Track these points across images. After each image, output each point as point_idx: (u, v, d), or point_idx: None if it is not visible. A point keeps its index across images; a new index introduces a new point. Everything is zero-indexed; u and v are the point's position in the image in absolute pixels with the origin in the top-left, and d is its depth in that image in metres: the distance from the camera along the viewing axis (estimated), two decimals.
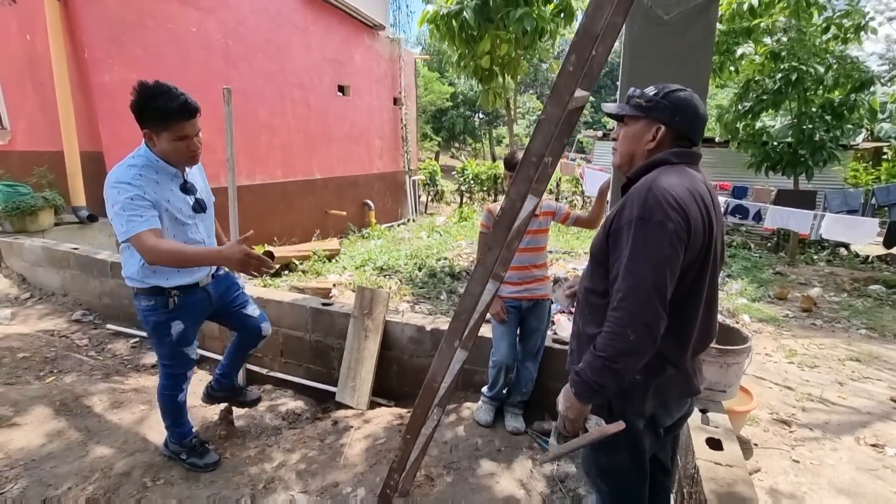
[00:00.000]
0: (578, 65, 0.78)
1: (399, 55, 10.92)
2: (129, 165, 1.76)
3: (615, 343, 1.10)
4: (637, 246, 1.08)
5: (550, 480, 2.20)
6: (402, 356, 2.96)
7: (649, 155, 1.23)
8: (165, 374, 2.08)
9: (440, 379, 1.16)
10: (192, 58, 6.17)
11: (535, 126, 0.85)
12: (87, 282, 4.02)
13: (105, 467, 2.18)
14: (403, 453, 1.27)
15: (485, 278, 1.01)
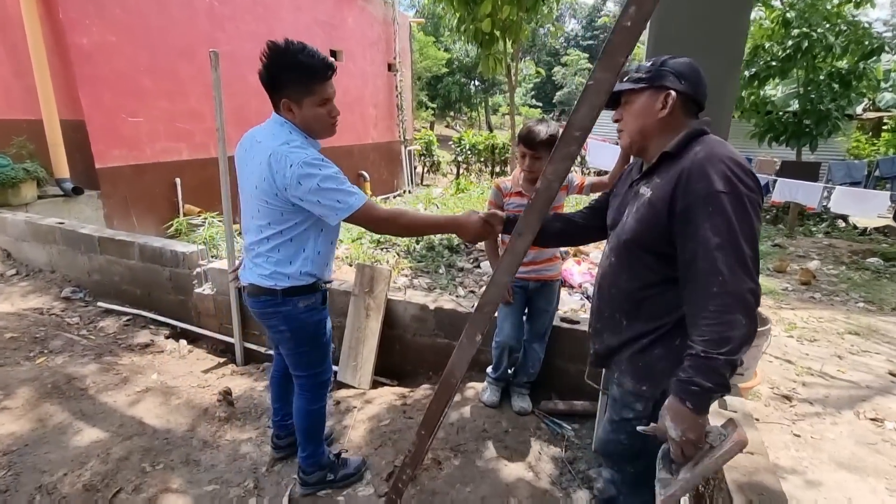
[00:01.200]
0: (639, 19, 0.65)
1: (393, 18, 10.45)
2: (297, 145, 1.51)
3: (731, 332, 0.98)
4: (729, 221, 0.98)
5: (559, 462, 2.16)
6: (405, 335, 2.89)
7: (665, 125, 1.11)
8: (315, 383, 1.85)
9: (459, 374, 1.06)
10: (176, 18, 5.82)
11: (581, 94, 0.73)
12: (75, 258, 3.88)
13: (101, 452, 2.12)
14: (417, 449, 1.20)
15: (514, 267, 0.90)
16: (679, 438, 1.03)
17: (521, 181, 2.20)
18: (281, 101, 1.52)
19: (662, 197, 1.08)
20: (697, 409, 1.01)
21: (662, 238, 1.10)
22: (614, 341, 1.29)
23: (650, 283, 1.18)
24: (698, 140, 1.07)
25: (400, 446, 2.22)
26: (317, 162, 1.47)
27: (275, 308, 1.67)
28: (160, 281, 3.53)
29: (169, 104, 5.86)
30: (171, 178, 6.00)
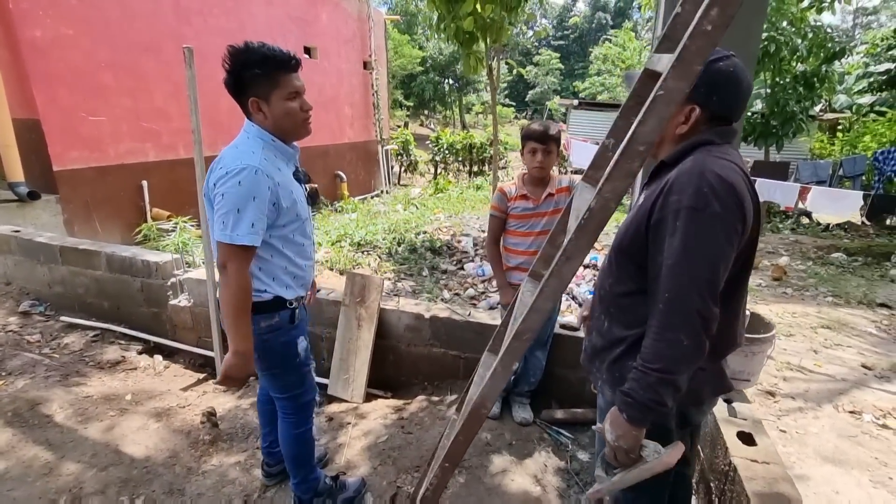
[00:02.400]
0: (721, 23, 0.58)
1: (368, 15, 10.24)
2: (252, 148, 1.42)
3: (668, 351, 0.95)
4: (688, 239, 0.93)
5: (565, 474, 2.12)
6: (399, 345, 2.78)
7: (680, 140, 1.07)
8: (296, 406, 1.74)
9: (490, 404, 0.98)
10: (137, 11, 5.49)
11: (648, 105, 0.66)
12: (33, 269, 3.58)
13: (74, 486, 1.93)
14: (440, 482, 1.11)
15: (558, 293, 0.83)
16: (612, 443, 1.05)
17: (526, 184, 2.15)
18: (249, 102, 1.43)
19: (646, 207, 1.04)
20: (631, 420, 1.01)
21: (640, 248, 1.07)
22: (598, 342, 1.26)
23: (629, 292, 1.14)
24: (698, 149, 1.02)
25: (401, 464, 2.13)
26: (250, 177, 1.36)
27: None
28: (131, 293, 3.30)
29: (133, 102, 5.53)
30: (137, 180, 5.67)
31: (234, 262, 1.39)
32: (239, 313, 1.42)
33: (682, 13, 0.90)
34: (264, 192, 1.38)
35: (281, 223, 1.49)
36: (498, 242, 2.31)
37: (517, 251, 2.24)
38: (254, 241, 1.39)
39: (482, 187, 10.79)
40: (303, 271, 1.62)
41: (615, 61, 22.01)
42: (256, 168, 1.37)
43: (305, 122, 1.51)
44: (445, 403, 2.57)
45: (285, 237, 1.52)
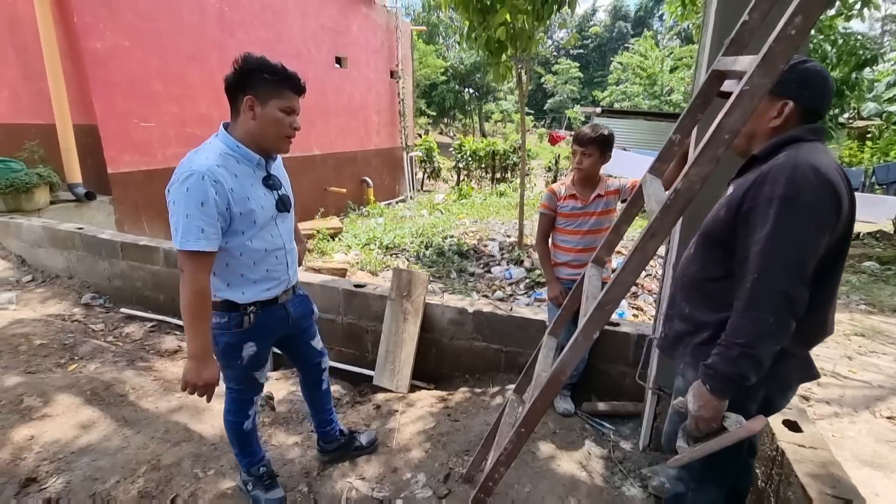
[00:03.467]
0: (804, 28, 0.69)
1: (396, 26, 10.52)
2: (206, 154, 1.48)
3: (753, 327, 1.03)
4: (780, 226, 1.00)
5: (608, 462, 2.20)
6: (442, 339, 2.90)
7: (773, 133, 1.14)
8: (231, 398, 1.83)
9: (569, 370, 1.09)
10: (186, 23, 5.81)
11: (735, 98, 0.77)
12: (94, 263, 3.82)
13: (152, 459, 2.09)
14: (515, 446, 1.22)
15: (640, 267, 0.94)
16: (695, 413, 1.12)
17: (575, 184, 2.26)
18: (245, 99, 1.46)
19: (737, 196, 1.11)
20: (713, 391, 1.08)
21: (729, 234, 1.14)
22: (681, 328, 1.33)
23: (715, 276, 1.20)
24: (790, 145, 1.10)
25: (451, 448, 2.24)
26: (197, 182, 1.39)
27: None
28: None
29: (179, 109, 5.83)
30: None
31: (188, 268, 1.42)
32: (194, 318, 1.46)
33: (750, 21, 1.01)
34: (212, 198, 1.40)
35: (238, 229, 1.51)
36: (547, 239, 2.42)
37: (565, 248, 2.35)
38: (205, 247, 1.41)
39: (505, 194, 10.90)
40: (266, 277, 1.64)
41: (636, 70, 21.96)
42: (203, 173, 1.39)
43: (288, 138, 1.56)
44: (488, 394, 2.67)
45: (242, 245, 1.54)
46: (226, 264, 1.56)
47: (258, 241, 1.59)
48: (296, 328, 1.88)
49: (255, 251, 1.59)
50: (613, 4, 50.06)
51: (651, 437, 2.22)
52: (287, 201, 1.71)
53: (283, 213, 1.68)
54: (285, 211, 1.70)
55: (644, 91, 20.59)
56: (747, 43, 1.03)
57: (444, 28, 28.09)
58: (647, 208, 1.01)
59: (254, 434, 1.93)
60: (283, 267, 1.71)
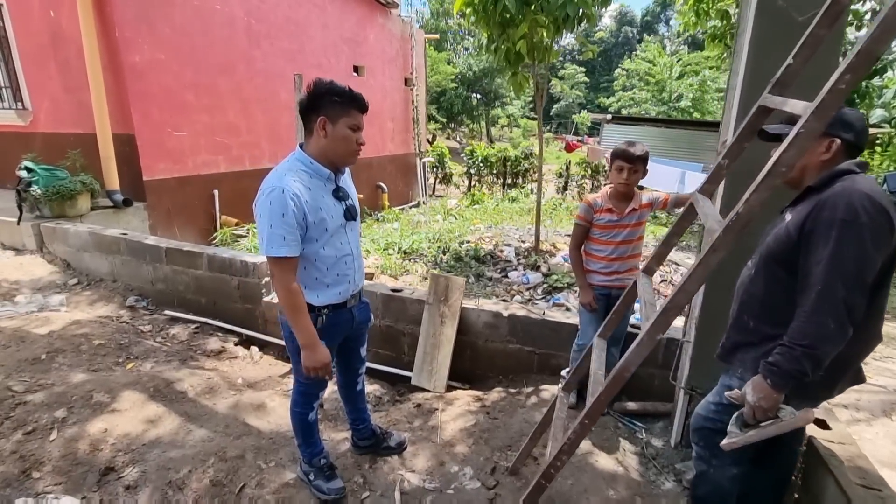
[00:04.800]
0: (852, 84, 0.84)
1: (410, 35, 10.74)
2: (285, 171, 1.67)
3: (816, 331, 1.18)
4: (840, 244, 1.16)
5: (642, 457, 2.34)
6: (477, 341, 3.06)
7: (823, 166, 1.32)
8: (299, 391, 2.00)
9: (633, 368, 1.24)
10: (217, 36, 6.02)
11: (793, 138, 0.92)
12: (138, 267, 4.01)
13: (218, 451, 2.25)
14: (578, 436, 1.36)
15: (703, 278, 1.08)
16: (754, 403, 1.26)
17: (612, 198, 2.41)
18: (318, 119, 1.65)
19: (798, 221, 1.28)
20: (774, 385, 1.24)
21: (792, 255, 1.30)
22: (739, 338, 1.50)
23: (778, 293, 1.37)
24: (842, 178, 1.26)
25: (493, 444, 2.38)
26: (279, 197, 1.58)
27: (279, 314, 1.87)
28: (227, 290, 3.67)
29: (209, 118, 6.04)
30: (210, 189, 6.16)
31: (277, 272, 1.64)
32: (293, 312, 1.67)
33: (794, 64, 1.17)
34: (290, 209, 1.58)
35: (312, 237, 1.69)
36: (580, 248, 2.57)
37: (598, 257, 2.50)
38: (288, 252, 1.61)
39: (517, 199, 11.04)
40: (337, 281, 1.82)
41: (644, 76, 22.11)
42: (283, 188, 1.58)
43: (356, 152, 1.75)
44: (523, 394, 2.82)
45: (317, 251, 1.73)
46: (303, 268, 1.75)
47: (329, 247, 1.78)
48: (356, 332, 2.06)
49: (327, 257, 1.78)
50: (619, 10, 50.26)
51: (683, 435, 2.36)
52: (354, 211, 1.89)
53: (350, 221, 1.86)
54: (353, 220, 1.87)
55: (653, 97, 20.72)
56: (790, 84, 1.19)
57: (453, 35, 28.39)
58: (707, 226, 1.16)
59: (316, 426, 2.11)
60: (352, 272, 1.88)
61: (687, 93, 19.05)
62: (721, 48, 7.38)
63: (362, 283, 2.00)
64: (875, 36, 0.82)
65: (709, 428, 1.66)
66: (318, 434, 2.13)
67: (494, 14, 5.31)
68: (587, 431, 1.37)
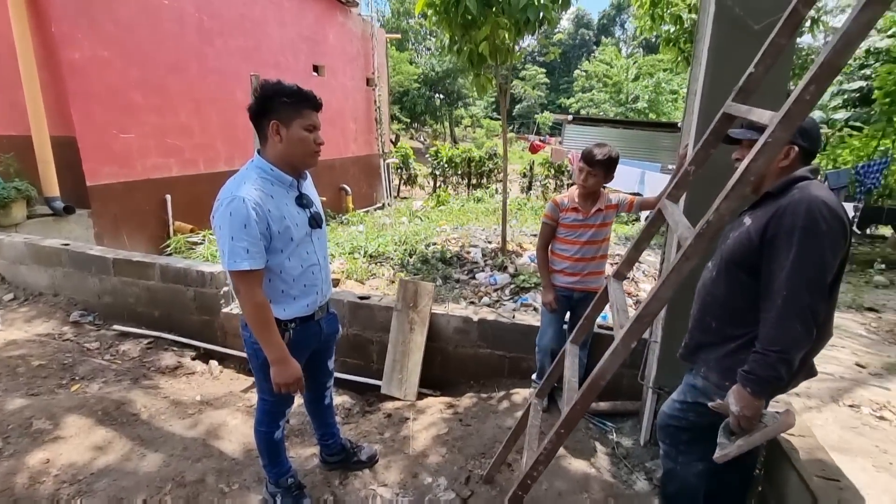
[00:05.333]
0: (817, 95, 0.86)
1: (371, 34, 10.60)
2: (244, 179, 1.57)
3: (786, 336, 1.22)
4: (803, 251, 1.20)
5: (613, 457, 2.36)
6: (447, 347, 3.02)
7: (781, 172, 1.36)
8: (264, 409, 1.89)
9: (608, 376, 1.24)
10: (165, 33, 5.71)
11: (761, 147, 0.93)
12: (83, 280, 3.73)
13: (175, 476, 2.11)
14: (554, 446, 1.35)
15: (676, 285, 1.09)
16: (738, 413, 1.29)
17: (577, 198, 2.43)
18: (270, 124, 1.56)
19: (758, 227, 1.32)
20: (754, 393, 1.27)
21: (754, 259, 1.34)
22: (702, 339, 1.54)
23: (740, 296, 1.40)
24: (799, 183, 1.30)
25: (467, 452, 2.35)
26: (239, 206, 1.49)
27: (241, 330, 1.78)
28: (183, 301, 3.47)
29: (159, 119, 5.72)
30: (161, 194, 5.84)
31: (242, 286, 1.55)
32: (262, 328, 1.59)
33: (756, 73, 1.20)
34: (253, 220, 1.50)
35: (277, 248, 1.61)
36: (547, 247, 2.59)
37: (563, 256, 2.53)
38: (253, 265, 1.52)
39: (483, 200, 11.10)
40: (304, 293, 1.73)
41: (602, 78, 22.79)
42: (243, 197, 1.49)
43: (315, 153, 1.66)
44: (495, 399, 2.80)
45: (282, 263, 1.64)
46: (268, 281, 1.66)
47: (295, 258, 1.69)
48: (324, 345, 1.98)
49: (293, 268, 1.69)
50: (576, 13, 51.56)
51: (651, 433, 2.41)
52: (319, 218, 1.80)
53: (316, 229, 1.78)
54: (318, 227, 1.79)
55: (611, 99, 21.37)
56: (753, 91, 1.21)
57: (415, 34, 28.27)
58: (678, 234, 1.17)
59: (282, 444, 2.01)
60: (320, 282, 1.80)
61: (643, 94, 19.76)
62: (675, 52, 7.69)
63: (330, 293, 1.92)
64: (838, 49, 0.83)
65: (674, 426, 1.69)
66: (284, 452, 2.04)
67: (456, 16, 5.28)
68: (563, 440, 1.36)
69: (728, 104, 1.26)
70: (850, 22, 0.82)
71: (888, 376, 3.85)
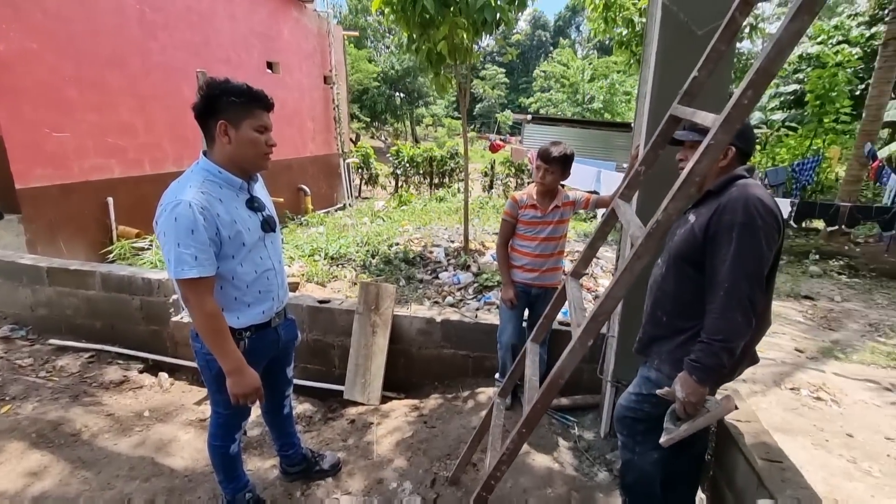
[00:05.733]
0: (754, 99, 0.89)
1: (328, 31, 10.36)
2: (189, 182, 1.48)
3: (728, 326, 1.29)
4: (742, 246, 1.27)
5: (576, 451, 2.41)
6: (411, 349, 2.99)
7: (721, 172, 1.44)
8: (218, 423, 1.80)
9: (566, 374, 1.25)
10: (103, 25, 5.35)
11: (704, 149, 0.96)
12: (13, 291, 3.44)
13: (122, 498, 1.98)
14: (517, 446, 1.35)
15: (630, 283, 1.11)
16: (683, 399, 1.36)
17: (536, 195, 2.47)
18: (218, 125, 1.48)
19: (702, 223, 1.39)
20: (699, 381, 1.34)
21: (699, 255, 1.41)
22: (654, 332, 1.60)
23: (689, 290, 1.47)
24: (737, 182, 1.38)
25: (432, 454, 2.33)
26: (185, 211, 1.41)
27: (192, 341, 1.69)
28: (128, 311, 3.27)
29: (98, 117, 5.36)
30: (103, 197, 5.47)
31: (191, 295, 1.46)
32: (216, 338, 1.51)
33: (699, 77, 1.24)
34: (201, 224, 1.42)
35: (228, 253, 1.54)
36: (507, 244, 2.62)
37: (523, 252, 2.56)
38: (202, 272, 1.44)
39: (445, 199, 11.11)
40: (259, 299, 1.66)
41: (559, 79, 23.34)
42: (189, 202, 1.42)
43: (266, 155, 1.59)
44: (460, 399, 2.80)
45: (234, 269, 1.57)
46: (220, 288, 1.58)
47: (248, 263, 1.62)
48: (283, 352, 1.90)
49: (246, 274, 1.62)
50: (533, 14, 52.54)
51: (611, 425, 2.47)
52: (272, 222, 1.73)
53: (269, 233, 1.70)
54: (272, 231, 1.72)
55: (568, 99, 21.91)
56: (696, 94, 1.26)
57: (373, 32, 27.93)
58: (630, 233, 1.20)
59: (239, 458, 1.92)
60: (276, 287, 1.73)
61: (598, 95, 20.38)
62: (627, 54, 7.96)
63: (287, 298, 1.85)
64: (771, 56, 0.87)
65: (631, 417, 1.75)
66: (241, 466, 1.95)
67: (414, 14, 5.24)
68: (525, 439, 1.37)
69: (674, 107, 1.30)
70: (782, 31, 0.86)
71: (823, 359, 4.14)
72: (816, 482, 2.25)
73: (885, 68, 6.99)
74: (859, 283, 6.30)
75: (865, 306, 5.40)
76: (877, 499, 2.21)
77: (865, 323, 4.89)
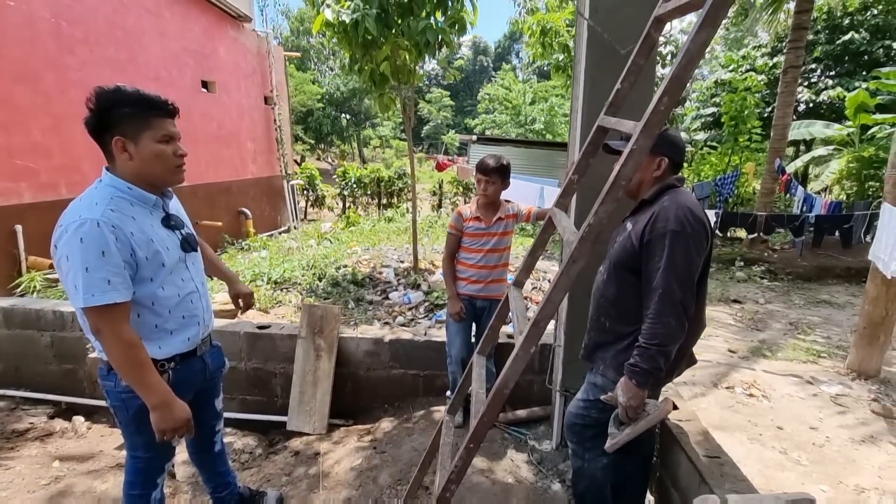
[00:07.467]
0: (671, 105, 0.93)
1: (268, 51, 10.16)
2: (95, 199, 1.32)
3: (663, 330, 1.33)
4: (673, 252, 1.33)
5: (531, 465, 2.39)
6: (358, 371, 2.87)
7: (654, 181, 1.51)
8: (136, 469, 1.59)
9: (511, 384, 1.23)
10: (11, 39, 4.92)
11: (627, 154, 0.99)
12: None
13: None
14: (465, 462, 1.30)
15: (567, 287, 1.11)
16: (625, 403, 1.39)
17: (479, 208, 2.50)
18: (113, 142, 1.33)
19: (638, 231, 1.44)
20: (639, 384, 1.38)
21: (636, 261, 1.46)
22: (599, 338, 1.64)
23: (629, 295, 1.51)
24: (668, 192, 1.45)
25: (382, 481, 2.22)
26: (93, 230, 1.27)
27: (101, 380, 1.50)
28: (36, 350, 2.92)
29: (4, 138, 4.87)
30: (10, 225, 4.93)
31: (106, 324, 1.30)
32: (136, 371, 1.35)
33: (622, 89, 1.30)
34: (112, 245, 1.29)
35: (145, 276, 1.40)
36: (453, 257, 2.61)
37: (468, 264, 2.56)
38: (117, 298, 1.29)
39: (394, 219, 11.04)
40: (183, 325, 1.52)
41: (502, 101, 24.19)
42: (97, 220, 1.28)
43: (178, 167, 1.46)
44: (412, 420, 2.71)
45: (153, 293, 1.42)
46: (137, 316, 1.42)
47: (170, 286, 1.48)
48: (210, 382, 1.75)
49: (167, 298, 1.47)
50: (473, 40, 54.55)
51: (562, 436, 2.47)
52: (192, 241, 1.61)
53: (190, 252, 1.58)
54: (192, 250, 1.59)
55: (511, 120, 22.70)
56: (621, 105, 1.32)
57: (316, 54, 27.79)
58: (565, 238, 1.21)
59: None
60: (201, 311, 1.60)
61: (539, 117, 21.28)
62: (564, 77, 8.38)
63: (212, 322, 1.71)
64: (682, 64, 0.92)
65: (580, 424, 1.76)
66: None
67: (356, 35, 5.25)
68: (474, 455, 1.32)
69: (601, 117, 1.36)
70: (690, 42, 0.91)
71: (753, 358, 4.42)
72: (753, 475, 2.35)
73: (785, 93, 7.81)
74: (779, 285, 6.85)
75: (785, 307, 5.86)
76: (806, 486, 2.35)
77: (787, 322, 5.30)
